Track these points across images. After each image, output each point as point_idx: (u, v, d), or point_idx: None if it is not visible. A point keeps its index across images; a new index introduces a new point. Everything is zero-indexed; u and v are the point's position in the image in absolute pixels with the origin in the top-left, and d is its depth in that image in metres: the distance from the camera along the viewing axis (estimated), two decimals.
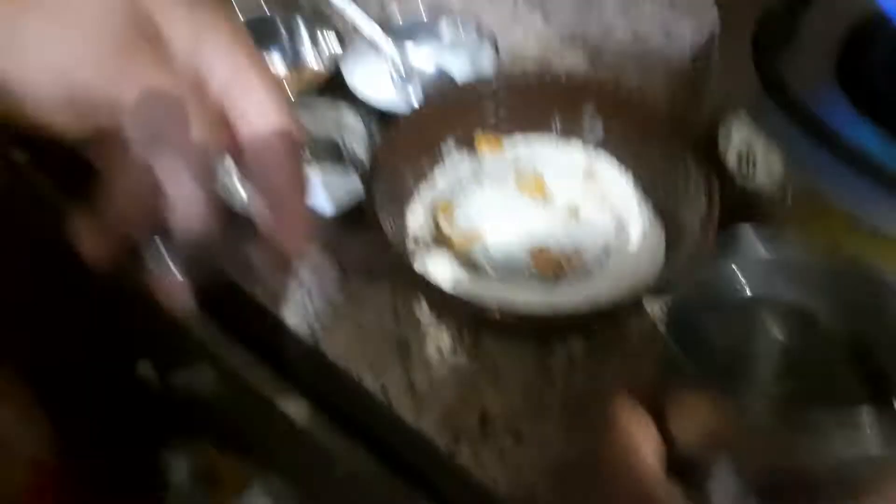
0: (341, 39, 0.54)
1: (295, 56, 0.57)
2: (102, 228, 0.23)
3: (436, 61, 0.55)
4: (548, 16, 0.63)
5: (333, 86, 0.51)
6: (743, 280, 0.26)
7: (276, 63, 0.56)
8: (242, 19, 0.55)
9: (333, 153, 0.49)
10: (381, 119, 0.51)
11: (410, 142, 0.45)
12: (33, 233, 0.55)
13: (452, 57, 0.56)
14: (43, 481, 0.57)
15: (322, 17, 0.55)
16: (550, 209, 0.45)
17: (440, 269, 0.40)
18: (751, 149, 0.38)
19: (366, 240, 0.45)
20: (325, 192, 0.48)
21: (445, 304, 0.40)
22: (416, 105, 0.51)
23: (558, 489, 0.35)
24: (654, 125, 0.44)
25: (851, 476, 0.22)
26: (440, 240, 0.43)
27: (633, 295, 0.36)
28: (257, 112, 0.24)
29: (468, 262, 0.42)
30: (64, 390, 0.62)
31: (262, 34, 0.55)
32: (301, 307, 0.42)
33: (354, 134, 0.49)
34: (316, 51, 0.56)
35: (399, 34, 0.54)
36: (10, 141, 0.56)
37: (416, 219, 0.44)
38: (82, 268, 0.23)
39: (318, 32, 0.56)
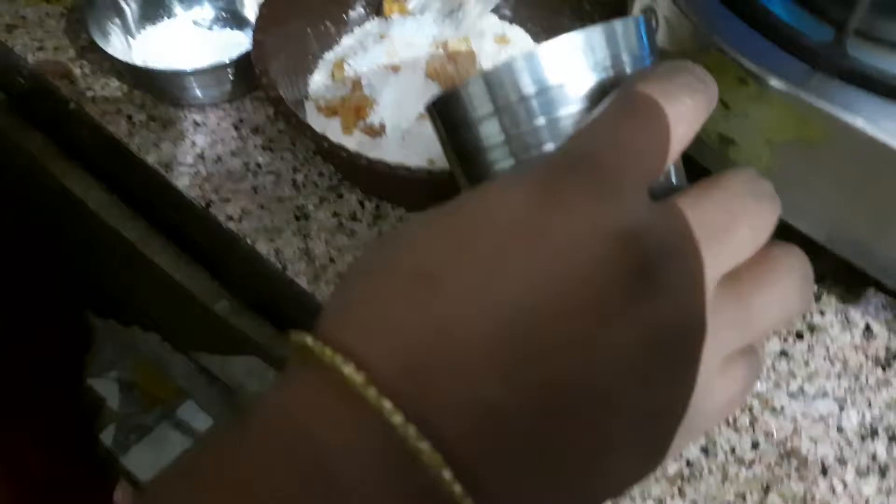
0: None
1: None
2: None
3: None
4: None
5: None
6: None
7: None
8: None
9: (231, 9, 0.46)
10: None
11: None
12: None
13: None
14: None
15: None
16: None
17: (337, 132, 0.39)
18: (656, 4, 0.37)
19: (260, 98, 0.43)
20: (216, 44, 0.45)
21: (340, 160, 0.38)
22: None
23: None
24: None
25: None
26: (339, 104, 0.41)
27: None
28: None
29: (366, 127, 0.40)
30: None
31: None
32: (195, 174, 0.41)
33: None
34: None
35: None
36: None
37: (316, 80, 0.42)
38: None
39: None
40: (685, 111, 0.17)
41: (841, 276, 0.38)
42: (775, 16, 0.32)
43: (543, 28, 0.44)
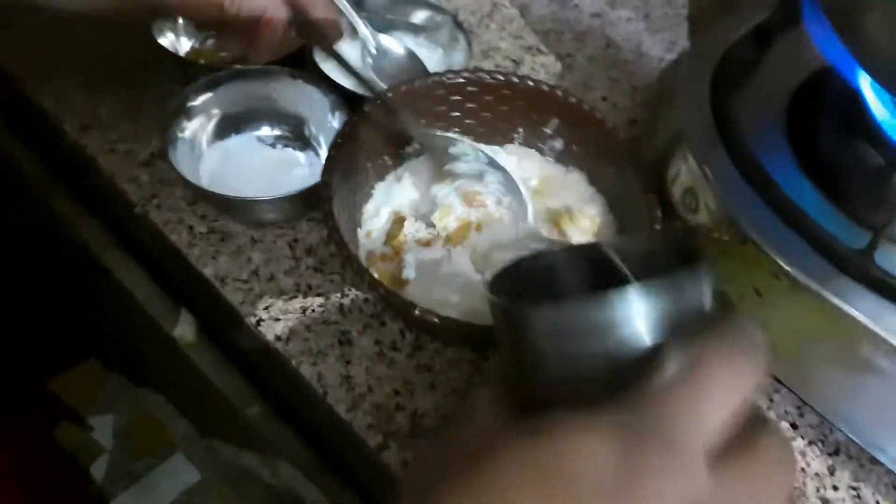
0: None
1: None
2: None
3: (407, 46, 0.54)
4: (525, 10, 0.63)
5: (297, 61, 0.51)
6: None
7: None
8: None
9: (296, 131, 0.49)
10: (344, 101, 0.51)
11: (373, 132, 0.45)
12: None
13: (426, 46, 0.55)
14: None
15: None
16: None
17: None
18: (696, 183, 0.40)
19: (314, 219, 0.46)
20: (285, 170, 0.48)
21: (389, 301, 0.40)
22: (383, 87, 0.51)
23: None
24: (611, 146, 0.45)
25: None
26: (391, 245, 0.43)
27: None
28: None
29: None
30: None
31: None
32: (249, 290, 0.43)
33: (318, 113, 0.48)
34: None
35: (374, 16, 0.54)
36: None
37: (371, 219, 0.45)
38: None
39: None
40: (742, 383, 0.20)
41: (854, 453, 0.40)
42: (810, 218, 0.35)
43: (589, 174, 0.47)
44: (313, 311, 0.42)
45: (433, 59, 0.55)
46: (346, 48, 0.54)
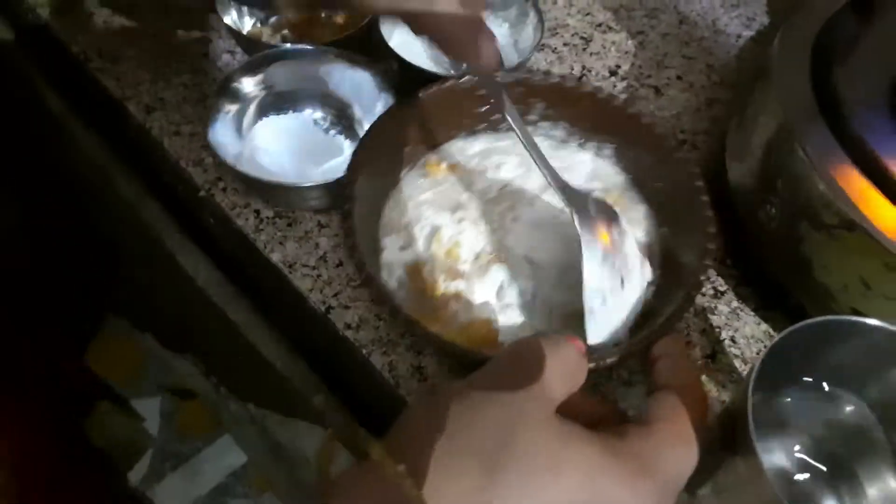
0: None
1: None
2: None
3: None
4: None
5: (362, 40, 0.49)
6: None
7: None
8: None
9: (342, 113, 0.47)
10: (407, 77, 0.49)
11: (399, 136, 0.43)
12: None
13: (492, 22, 0.53)
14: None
15: None
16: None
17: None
18: (797, 166, 0.37)
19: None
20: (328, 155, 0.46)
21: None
22: (449, 68, 0.49)
23: None
24: (668, 158, 0.41)
25: None
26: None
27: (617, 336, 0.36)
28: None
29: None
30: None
31: None
32: (317, 277, 0.42)
33: (365, 97, 0.46)
34: None
35: None
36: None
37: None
38: None
39: None
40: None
41: None
42: None
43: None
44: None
45: (500, 34, 0.53)
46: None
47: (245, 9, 0.51)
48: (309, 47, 0.46)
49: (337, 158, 0.45)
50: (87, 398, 0.83)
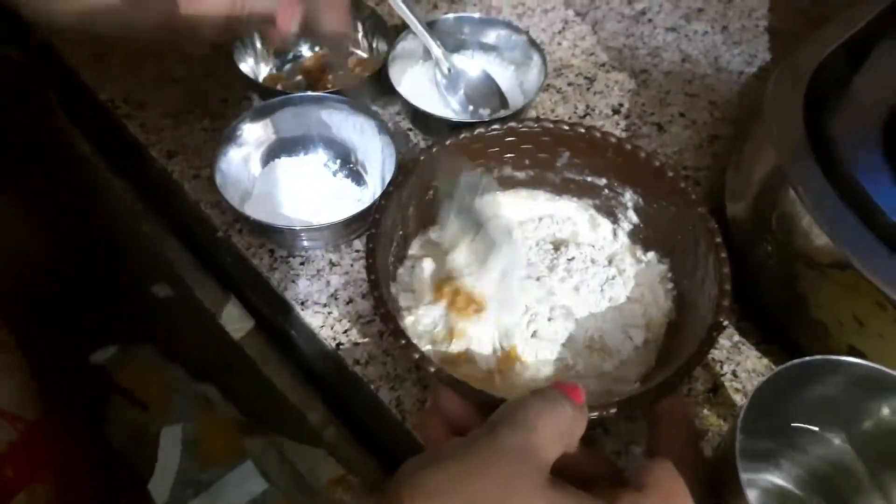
0: (389, 40, 0.53)
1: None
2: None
3: (483, 67, 0.54)
4: (597, 27, 0.62)
5: (373, 82, 0.51)
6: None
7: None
8: None
9: (345, 158, 0.49)
10: (417, 121, 0.51)
11: (420, 185, 0.42)
12: None
13: (498, 65, 0.55)
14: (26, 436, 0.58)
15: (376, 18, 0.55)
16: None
17: None
18: (790, 205, 0.38)
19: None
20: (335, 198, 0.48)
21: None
22: (456, 110, 0.51)
23: None
24: (679, 202, 0.41)
25: None
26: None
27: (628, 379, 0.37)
28: None
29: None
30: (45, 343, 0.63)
31: None
32: (328, 314, 0.43)
33: (366, 141, 0.48)
34: (367, 42, 0.56)
35: (448, 37, 0.54)
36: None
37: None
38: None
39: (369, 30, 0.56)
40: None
41: None
42: None
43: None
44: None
45: (505, 77, 0.55)
46: (419, 69, 0.55)
47: (260, 57, 0.54)
48: (313, 94, 0.48)
49: (342, 200, 0.47)
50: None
